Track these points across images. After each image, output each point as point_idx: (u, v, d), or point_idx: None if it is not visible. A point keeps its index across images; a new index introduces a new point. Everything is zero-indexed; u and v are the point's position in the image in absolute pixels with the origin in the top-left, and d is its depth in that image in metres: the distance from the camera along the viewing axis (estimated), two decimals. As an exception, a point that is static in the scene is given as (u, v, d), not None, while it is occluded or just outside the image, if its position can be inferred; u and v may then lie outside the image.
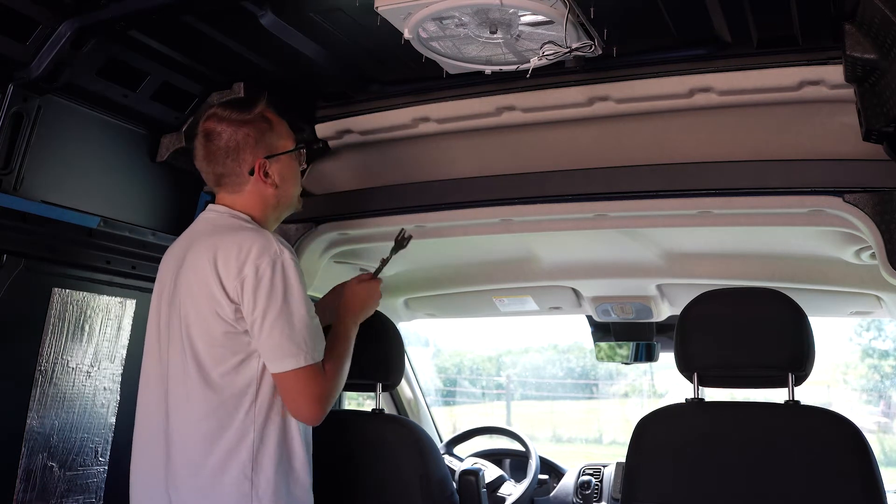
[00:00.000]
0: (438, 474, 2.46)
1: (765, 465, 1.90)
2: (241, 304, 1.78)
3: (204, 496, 1.78)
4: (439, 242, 2.74)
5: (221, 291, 1.78)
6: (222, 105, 1.96)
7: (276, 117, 1.98)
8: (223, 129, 1.91)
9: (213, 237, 1.86)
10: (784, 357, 1.97)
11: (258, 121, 1.95)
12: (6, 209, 1.94)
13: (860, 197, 1.98)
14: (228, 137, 1.91)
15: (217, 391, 1.80)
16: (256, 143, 1.93)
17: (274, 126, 1.97)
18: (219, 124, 1.92)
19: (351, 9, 1.84)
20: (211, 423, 1.79)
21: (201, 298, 1.81)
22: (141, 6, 1.81)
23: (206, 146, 1.93)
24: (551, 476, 3.40)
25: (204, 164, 1.95)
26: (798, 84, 1.99)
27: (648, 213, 2.22)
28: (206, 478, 1.78)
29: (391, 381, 2.56)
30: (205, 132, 1.94)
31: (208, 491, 1.78)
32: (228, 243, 1.82)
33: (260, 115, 1.95)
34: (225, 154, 1.92)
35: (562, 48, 1.80)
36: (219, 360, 1.80)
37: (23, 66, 1.87)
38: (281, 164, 1.97)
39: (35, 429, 2.08)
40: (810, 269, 2.74)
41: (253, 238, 1.82)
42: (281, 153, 1.97)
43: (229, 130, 1.91)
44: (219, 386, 1.80)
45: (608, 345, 3.46)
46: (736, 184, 2.09)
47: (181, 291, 1.86)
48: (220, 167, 1.93)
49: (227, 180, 1.94)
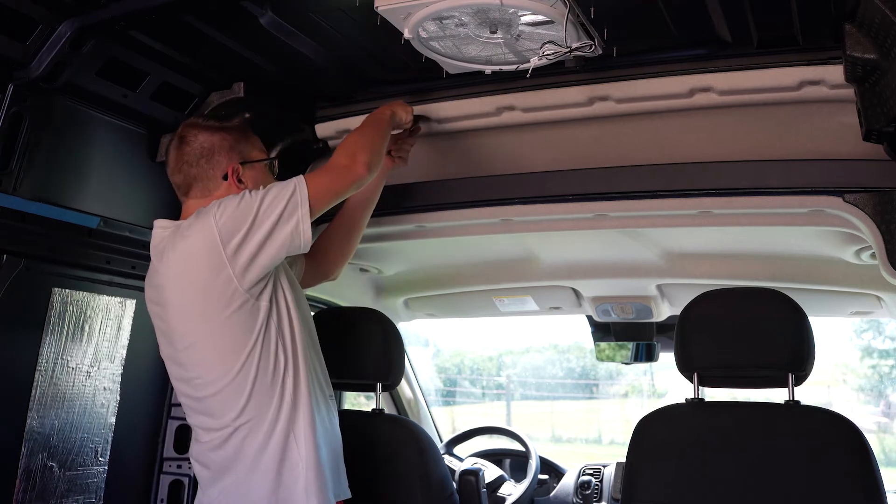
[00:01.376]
0: (438, 474, 2.46)
1: (765, 465, 1.90)
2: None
3: None
4: (439, 242, 2.74)
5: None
6: (197, 115, 2.02)
7: (249, 130, 2.02)
8: (198, 133, 1.94)
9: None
10: (784, 357, 1.97)
11: (234, 129, 1.98)
12: (6, 209, 1.93)
13: (860, 197, 1.98)
14: (203, 139, 1.93)
15: None
16: (231, 147, 1.95)
17: (249, 137, 2.00)
18: (193, 129, 1.95)
19: (351, 9, 1.84)
20: None
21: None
22: (141, 6, 1.81)
23: (179, 150, 1.95)
24: (551, 476, 3.40)
25: (174, 169, 1.96)
26: (798, 84, 1.99)
27: (648, 213, 2.22)
28: None
29: (391, 381, 2.56)
30: (179, 137, 1.96)
31: None
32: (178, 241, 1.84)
33: (237, 125, 1.99)
34: (199, 156, 1.93)
35: (562, 48, 1.80)
36: None
37: (23, 65, 1.87)
38: (255, 172, 1.98)
39: (35, 429, 2.08)
40: (810, 269, 2.74)
41: (190, 223, 1.84)
42: (255, 161, 1.98)
43: (204, 134, 1.94)
44: None
45: (608, 345, 3.45)
46: (736, 184, 2.08)
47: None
48: (194, 169, 1.93)
49: (198, 184, 1.94)
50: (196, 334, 1.83)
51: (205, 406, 1.86)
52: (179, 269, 1.82)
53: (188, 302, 1.83)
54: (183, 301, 1.83)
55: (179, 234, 1.84)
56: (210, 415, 1.86)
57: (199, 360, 1.84)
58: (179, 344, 1.86)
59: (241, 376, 1.80)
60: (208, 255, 1.78)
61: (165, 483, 2.46)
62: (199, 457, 1.91)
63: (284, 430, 1.82)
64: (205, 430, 1.88)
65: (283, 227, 1.80)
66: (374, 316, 2.57)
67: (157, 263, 1.90)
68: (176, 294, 1.84)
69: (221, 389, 1.82)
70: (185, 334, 1.85)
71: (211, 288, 1.79)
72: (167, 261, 1.84)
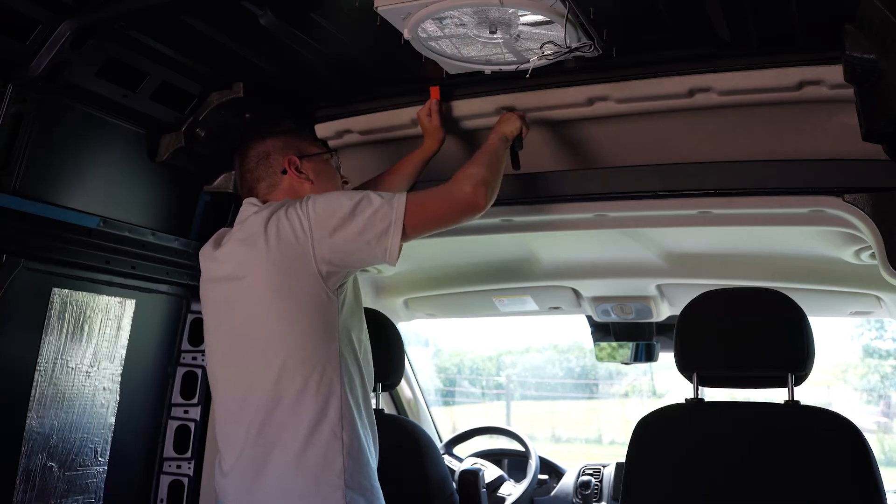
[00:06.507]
0: (438, 474, 2.47)
1: (764, 465, 1.90)
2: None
3: None
4: (439, 242, 2.74)
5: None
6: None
7: (299, 130, 2.14)
8: (251, 145, 2.02)
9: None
10: (784, 357, 1.97)
11: (284, 132, 2.05)
12: (6, 209, 1.93)
13: (860, 197, 1.98)
14: (257, 146, 2.01)
15: None
16: (284, 146, 2.01)
17: (301, 133, 2.10)
18: (247, 143, 2.03)
19: (351, 9, 1.84)
20: None
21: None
22: (141, 6, 1.81)
23: (240, 165, 2.03)
24: (551, 476, 3.40)
25: (240, 183, 2.04)
26: (798, 84, 1.99)
27: (648, 213, 2.22)
28: None
29: (391, 381, 2.56)
30: (238, 155, 2.04)
31: None
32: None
33: (285, 129, 2.08)
34: (256, 162, 2.00)
35: (562, 48, 1.80)
36: None
37: (22, 65, 1.87)
38: (314, 163, 2.02)
39: (35, 429, 2.07)
40: (810, 269, 2.74)
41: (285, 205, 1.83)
42: (311, 154, 2.03)
43: (256, 143, 2.02)
44: None
45: (608, 345, 3.46)
46: (736, 184, 2.09)
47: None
48: (255, 173, 2.00)
49: (262, 183, 1.99)
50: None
51: None
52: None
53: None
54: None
55: (271, 217, 1.83)
56: None
57: None
58: None
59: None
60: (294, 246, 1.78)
61: (165, 483, 2.46)
62: None
63: None
64: None
65: (366, 237, 1.78)
66: (373, 316, 2.57)
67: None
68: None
69: None
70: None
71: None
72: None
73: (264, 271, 1.79)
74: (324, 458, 1.74)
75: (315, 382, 1.76)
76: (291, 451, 1.74)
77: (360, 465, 1.79)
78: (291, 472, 1.74)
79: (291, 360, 1.76)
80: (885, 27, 1.55)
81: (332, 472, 1.74)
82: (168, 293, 2.46)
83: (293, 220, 1.78)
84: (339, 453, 1.75)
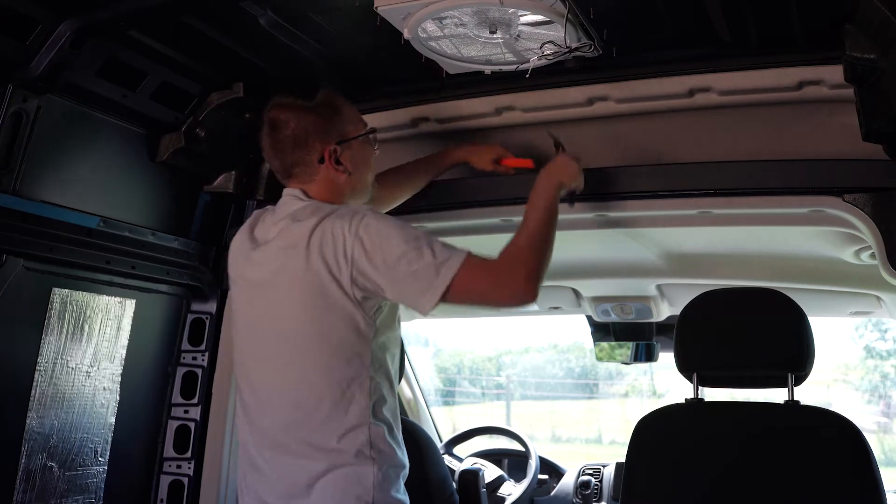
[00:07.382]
0: (438, 474, 2.47)
1: (764, 465, 1.90)
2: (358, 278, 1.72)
3: None
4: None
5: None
6: (282, 97, 1.90)
7: (342, 102, 1.92)
8: (289, 118, 1.85)
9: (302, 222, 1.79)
10: (784, 357, 1.97)
11: (324, 107, 1.89)
12: (6, 209, 1.93)
13: (860, 197, 1.98)
14: (295, 125, 1.85)
15: None
16: (324, 130, 1.87)
17: (341, 111, 1.91)
18: (283, 112, 1.86)
19: (351, 9, 1.84)
20: None
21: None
22: (141, 6, 1.81)
23: (273, 136, 1.87)
24: (551, 476, 3.41)
25: (270, 156, 1.90)
26: (798, 84, 1.99)
27: (648, 213, 2.22)
28: None
29: (391, 381, 2.55)
30: (270, 122, 1.88)
31: None
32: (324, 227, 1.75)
33: (325, 101, 1.91)
34: (293, 144, 1.85)
35: (562, 48, 1.80)
36: None
37: (22, 65, 1.87)
38: (353, 150, 1.90)
39: (35, 429, 2.07)
40: (810, 269, 2.74)
41: (333, 218, 1.76)
42: (351, 138, 1.91)
43: (295, 118, 1.85)
44: None
45: (608, 345, 3.46)
46: (736, 184, 2.08)
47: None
48: (290, 157, 1.87)
49: (297, 170, 1.88)
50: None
51: None
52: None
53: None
54: None
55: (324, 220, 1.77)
56: None
57: None
58: None
59: None
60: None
61: (165, 483, 2.45)
62: None
63: None
64: None
65: (405, 290, 1.73)
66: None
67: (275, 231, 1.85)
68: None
69: None
70: None
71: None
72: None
73: (300, 287, 1.74)
74: (355, 473, 1.72)
75: (346, 399, 1.74)
76: (322, 466, 1.72)
77: (389, 480, 1.76)
78: (328, 489, 1.71)
79: (320, 378, 1.74)
80: (885, 27, 1.55)
81: (361, 488, 1.72)
82: (168, 293, 2.46)
83: (338, 242, 1.72)
84: (370, 467, 1.74)
